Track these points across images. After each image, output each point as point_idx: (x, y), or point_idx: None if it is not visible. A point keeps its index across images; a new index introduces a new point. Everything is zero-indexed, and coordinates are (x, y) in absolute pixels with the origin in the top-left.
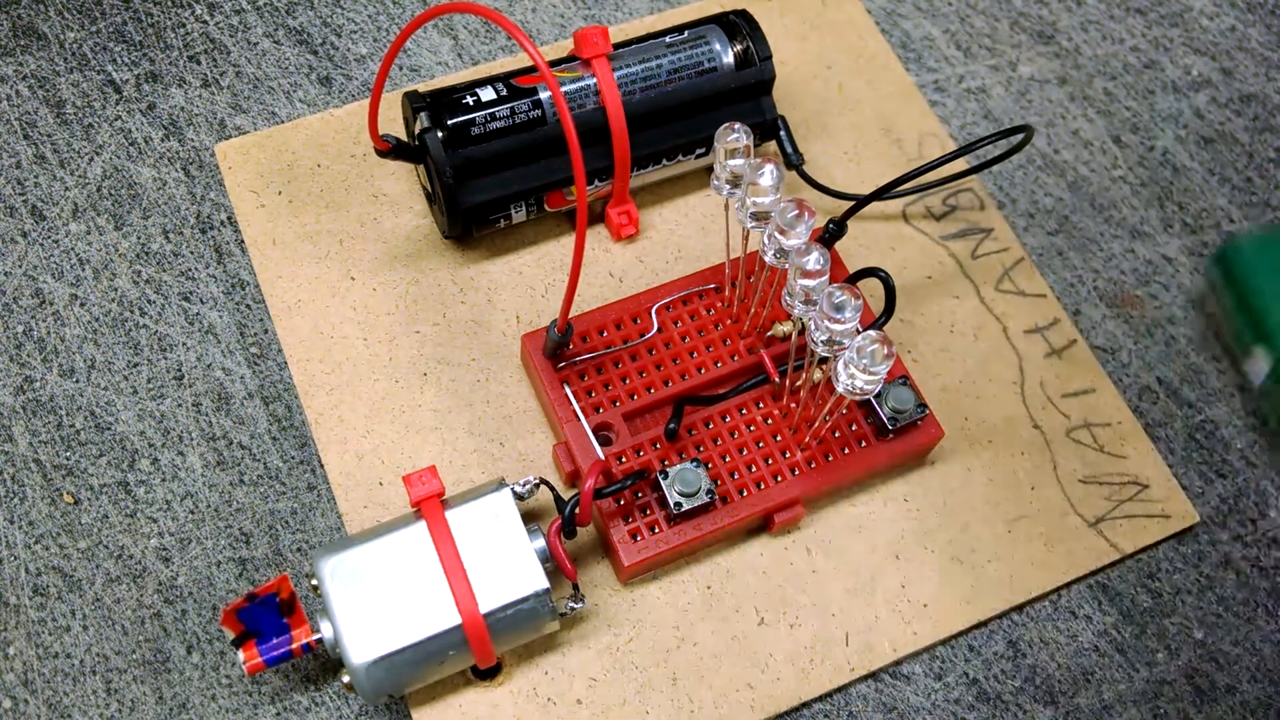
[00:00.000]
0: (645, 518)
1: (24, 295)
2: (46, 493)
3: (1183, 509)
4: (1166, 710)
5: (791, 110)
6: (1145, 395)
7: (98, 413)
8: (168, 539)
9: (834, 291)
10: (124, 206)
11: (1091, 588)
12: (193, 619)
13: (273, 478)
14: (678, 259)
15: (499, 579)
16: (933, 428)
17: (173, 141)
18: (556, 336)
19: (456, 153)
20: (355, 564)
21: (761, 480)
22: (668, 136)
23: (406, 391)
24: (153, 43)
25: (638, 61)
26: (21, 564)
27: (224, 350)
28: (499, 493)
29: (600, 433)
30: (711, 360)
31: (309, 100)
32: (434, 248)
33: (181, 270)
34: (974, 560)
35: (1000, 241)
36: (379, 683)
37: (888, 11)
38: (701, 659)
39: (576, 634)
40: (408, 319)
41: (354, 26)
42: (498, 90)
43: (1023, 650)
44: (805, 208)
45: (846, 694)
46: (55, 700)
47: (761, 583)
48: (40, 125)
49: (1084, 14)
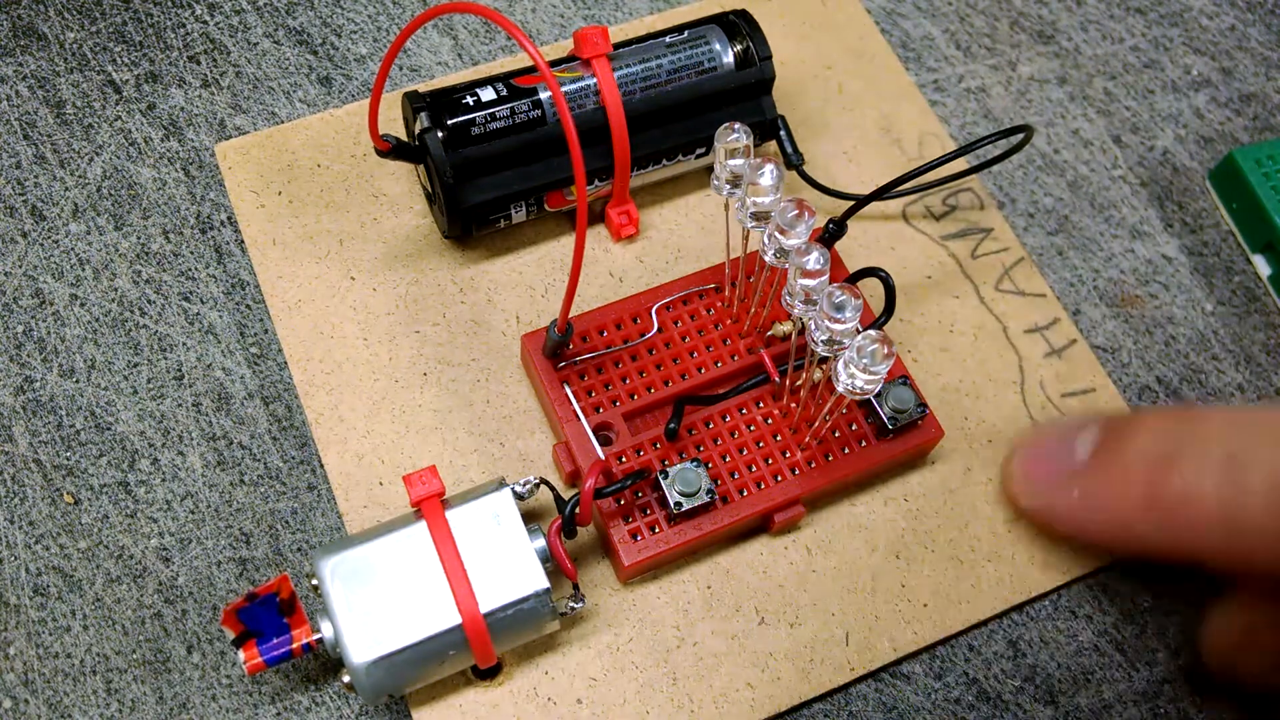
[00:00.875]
0: (645, 517)
1: (24, 295)
2: (46, 493)
3: None
4: (1166, 710)
5: (791, 110)
6: (1145, 395)
7: (98, 413)
8: (168, 539)
9: (834, 291)
10: (124, 206)
11: (1091, 588)
12: (193, 619)
13: (273, 478)
14: (678, 259)
15: (499, 579)
16: (933, 427)
17: (173, 142)
18: (556, 336)
19: (456, 152)
20: (355, 564)
21: (761, 480)
22: (667, 136)
23: (406, 391)
24: (153, 43)
25: (637, 61)
26: (21, 564)
27: (224, 350)
28: (499, 492)
29: (600, 432)
30: (711, 360)
31: (309, 100)
32: (434, 248)
33: (181, 270)
34: (974, 560)
35: (1000, 241)
36: (379, 682)
37: (888, 11)
38: (701, 658)
39: (576, 634)
40: (408, 319)
41: (354, 27)
42: (498, 90)
43: (1023, 650)
44: (805, 207)
45: (847, 694)
46: (55, 700)
47: (761, 582)
48: (40, 125)
49: (1084, 14)
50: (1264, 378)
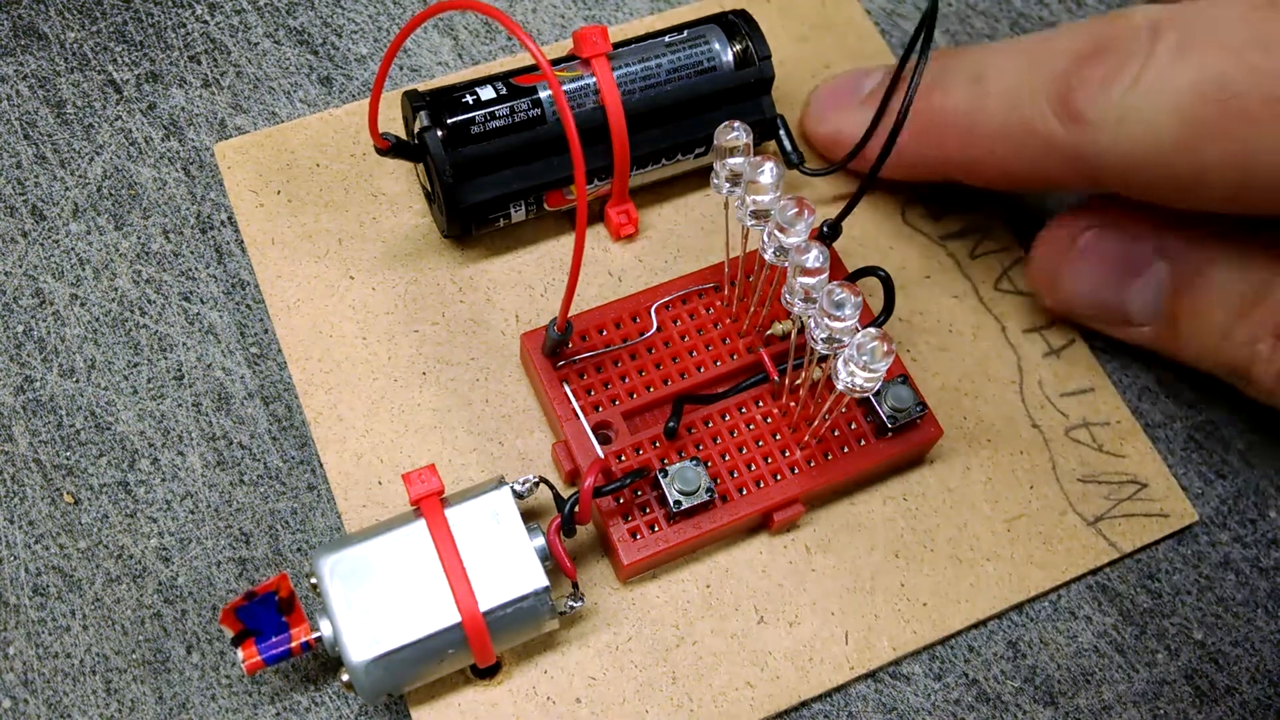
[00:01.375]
0: (645, 516)
1: (24, 295)
2: (46, 493)
3: (1181, 508)
4: (1166, 710)
5: (791, 109)
6: (1145, 395)
7: (98, 413)
8: (168, 539)
9: (833, 289)
10: (124, 206)
11: (1091, 588)
12: (193, 619)
13: (273, 478)
14: (677, 258)
15: (498, 577)
16: (932, 427)
17: (173, 141)
18: (556, 335)
19: (456, 151)
20: (354, 562)
21: (761, 479)
22: (667, 136)
23: (405, 390)
24: (153, 43)
25: (637, 61)
26: (21, 564)
27: (224, 350)
28: (498, 491)
29: (600, 431)
30: (711, 359)
31: (309, 100)
32: (433, 247)
33: (182, 270)
34: (973, 559)
35: (999, 241)
36: (378, 681)
37: (888, 11)
38: (701, 658)
39: (576, 633)
40: (407, 318)
41: (354, 26)
42: (497, 89)
43: (1023, 650)
44: (805, 205)
45: (846, 694)
46: (55, 700)
47: (761, 581)
48: (40, 125)
49: (1084, 14)
50: None
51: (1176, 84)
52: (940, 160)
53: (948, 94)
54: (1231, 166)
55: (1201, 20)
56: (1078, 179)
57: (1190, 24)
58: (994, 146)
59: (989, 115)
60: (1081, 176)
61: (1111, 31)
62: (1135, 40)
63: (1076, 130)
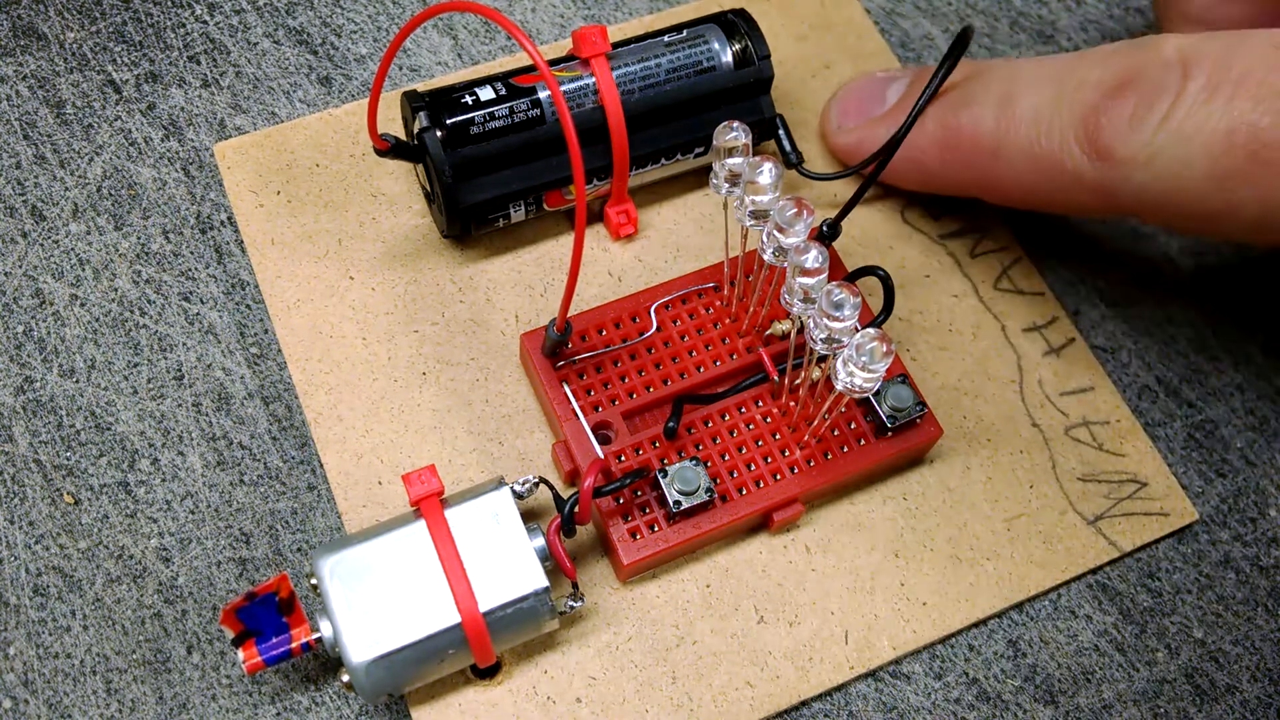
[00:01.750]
0: (644, 516)
1: (24, 295)
2: (46, 493)
3: (1181, 506)
4: (1166, 710)
5: (790, 109)
6: (1145, 394)
7: (98, 413)
8: (168, 539)
9: (833, 289)
10: (124, 206)
11: (1091, 587)
12: (193, 619)
13: (273, 478)
14: (676, 258)
15: (498, 577)
16: (931, 426)
17: (173, 141)
18: (555, 335)
19: (455, 152)
20: (354, 563)
21: (761, 479)
22: (666, 135)
23: (405, 391)
24: (153, 43)
25: (636, 61)
26: (21, 564)
27: (224, 350)
28: (498, 491)
29: (599, 431)
30: (710, 359)
31: (309, 100)
32: (433, 247)
33: (181, 270)
34: (973, 558)
35: (998, 240)
36: (378, 681)
37: (887, 11)
38: (701, 657)
39: (576, 633)
40: (406, 318)
41: (354, 27)
42: (496, 89)
43: (1023, 650)
44: (804, 206)
45: (846, 693)
46: (55, 700)
47: (760, 581)
48: (40, 125)
49: (1084, 14)
50: (1264, 377)
51: (1208, 127)
52: (966, 179)
53: (975, 114)
54: (1261, 204)
55: (1232, 59)
56: (1104, 208)
57: (1221, 62)
58: (1020, 172)
59: (1016, 141)
60: (1108, 207)
61: (1141, 63)
62: (1166, 75)
63: (1104, 167)
